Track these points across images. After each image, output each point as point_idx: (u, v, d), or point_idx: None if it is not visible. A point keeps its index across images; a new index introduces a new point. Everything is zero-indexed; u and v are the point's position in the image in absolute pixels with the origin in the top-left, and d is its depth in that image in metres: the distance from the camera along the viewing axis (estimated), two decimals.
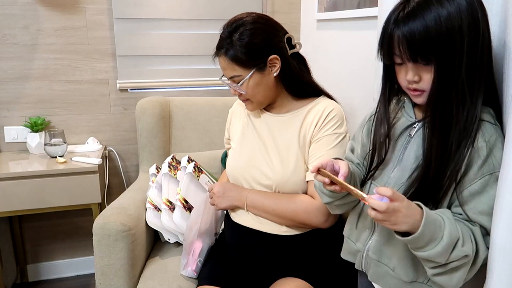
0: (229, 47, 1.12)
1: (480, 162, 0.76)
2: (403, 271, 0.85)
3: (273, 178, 1.18)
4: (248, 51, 1.11)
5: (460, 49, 0.73)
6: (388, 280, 0.88)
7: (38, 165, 1.75)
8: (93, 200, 1.74)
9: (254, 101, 1.19)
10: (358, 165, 1.00)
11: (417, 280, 0.85)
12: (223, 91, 2.13)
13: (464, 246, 0.74)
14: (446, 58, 0.74)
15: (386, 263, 0.88)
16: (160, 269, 1.40)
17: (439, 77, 0.76)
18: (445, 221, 0.74)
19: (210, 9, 2.01)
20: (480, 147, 0.76)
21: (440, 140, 0.78)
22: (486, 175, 0.75)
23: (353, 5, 1.58)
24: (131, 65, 1.98)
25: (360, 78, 1.57)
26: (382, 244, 0.89)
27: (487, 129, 0.77)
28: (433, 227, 0.72)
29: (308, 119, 1.19)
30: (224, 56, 1.13)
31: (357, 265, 0.96)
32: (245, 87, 1.15)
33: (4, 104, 1.90)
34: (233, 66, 1.13)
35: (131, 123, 2.04)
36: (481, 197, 0.76)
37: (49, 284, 2.09)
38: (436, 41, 0.73)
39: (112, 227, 1.30)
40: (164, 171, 1.57)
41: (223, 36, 1.15)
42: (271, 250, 1.19)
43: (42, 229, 2.07)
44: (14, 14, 1.82)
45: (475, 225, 0.77)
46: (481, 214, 0.76)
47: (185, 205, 1.46)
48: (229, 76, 1.16)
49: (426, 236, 0.72)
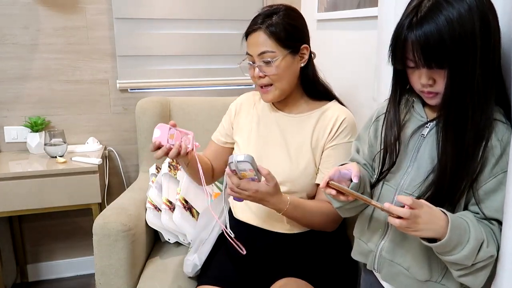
0: (270, 22, 1.13)
1: (494, 160, 0.76)
2: (417, 270, 0.85)
3: (281, 176, 1.17)
4: (288, 31, 1.14)
5: (474, 52, 0.73)
6: (402, 280, 0.88)
7: (38, 165, 1.75)
8: (93, 200, 1.74)
9: (277, 87, 1.17)
10: (365, 166, 0.99)
11: (431, 279, 0.85)
12: (223, 91, 2.13)
13: (489, 247, 0.75)
14: (460, 61, 0.74)
15: (400, 263, 0.88)
16: (160, 269, 1.40)
17: (452, 81, 0.75)
18: (469, 225, 0.75)
19: (210, 9, 2.01)
20: (494, 146, 0.76)
21: (454, 144, 0.78)
22: (500, 173, 0.76)
23: (353, 5, 1.58)
24: (131, 65, 1.98)
25: (360, 78, 1.57)
26: (396, 244, 0.89)
27: (500, 128, 0.78)
28: (459, 232, 0.73)
29: (322, 123, 1.20)
30: (264, 30, 1.13)
31: (369, 266, 0.96)
32: (275, 68, 1.13)
33: (4, 104, 1.90)
34: (270, 42, 1.13)
35: (131, 123, 2.04)
36: (496, 195, 0.77)
37: (49, 284, 2.09)
38: (449, 45, 0.73)
39: (112, 227, 1.30)
40: (164, 171, 1.57)
41: (263, 14, 1.15)
42: (272, 247, 1.19)
43: (42, 229, 2.07)
44: (14, 14, 1.82)
45: (493, 223, 0.78)
46: (497, 211, 0.77)
47: (185, 205, 1.46)
48: (262, 51, 1.13)
49: (453, 242, 0.73)
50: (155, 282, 1.33)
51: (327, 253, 1.20)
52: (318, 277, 1.17)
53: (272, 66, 1.13)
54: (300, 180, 1.18)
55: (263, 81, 1.17)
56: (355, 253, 1.00)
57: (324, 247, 1.21)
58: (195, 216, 1.47)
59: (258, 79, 1.17)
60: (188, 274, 1.32)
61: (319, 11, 1.86)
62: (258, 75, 1.16)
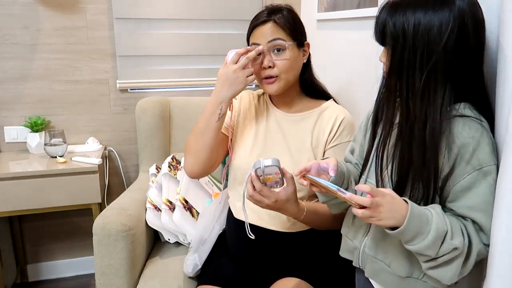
0: (279, 16, 1.16)
1: (467, 157, 0.76)
2: (398, 267, 0.86)
3: None
4: (295, 24, 1.18)
5: (406, 50, 0.78)
6: (384, 276, 0.90)
7: (38, 165, 1.75)
8: (93, 200, 1.74)
9: (283, 79, 1.17)
10: (356, 165, 1.01)
11: (412, 276, 0.86)
12: None
13: (453, 240, 0.75)
14: (396, 50, 0.80)
15: (382, 259, 0.89)
16: (160, 269, 1.40)
17: (390, 62, 0.82)
18: (433, 215, 0.76)
19: (210, 9, 2.01)
20: (466, 143, 0.77)
21: (406, 140, 0.81)
22: (474, 171, 0.76)
23: (353, 5, 1.58)
24: (131, 65, 1.98)
25: (360, 78, 1.57)
26: (377, 240, 0.90)
27: (472, 124, 0.78)
28: (419, 221, 0.74)
29: (321, 122, 1.21)
30: (274, 21, 1.16)
31: (355, 262, 0.97)
32: (286, 55, 1.15)
33: (4, 104, 1.90)
34: (281, 32, 1.16)
35: (131, 123, 2.04)
36: (470, 193, 0.77)
37: (49, 284, 2.09)
38: (390, 34, 0.80)
39: (112, 227, 1.30)
40: (164, 171, 1.57)
41: (268, 10, 1.18)
42: (272, 247, 1.19)
43: (42, 229, 2.07)
44: (14, 14, 1.82)
45: (467, 220, 0.78)
46: (470, 209, 0.77)
47: (185, 205, 1.46)
48: (274, 37, 1.15)
49: (412, 230, 0.74)
50: (155, 282, 1.33)
51: (326, 252, 1.20)
52: (317, 276, 1.17)
53: (283, 55, 1.15)
54: None
55: (270, 71, 1.16)
56: (343, 251, 1.01)
57: (323, 246, 1.22)
58: (195, 216, 1.47)
59: (264, 70, 1.16)
60: (188, 274, 1.32)
61: (319, 11, 1.86)
62: (268, 64, 1.15)
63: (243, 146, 1.26)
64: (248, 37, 1.22)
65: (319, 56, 1.28)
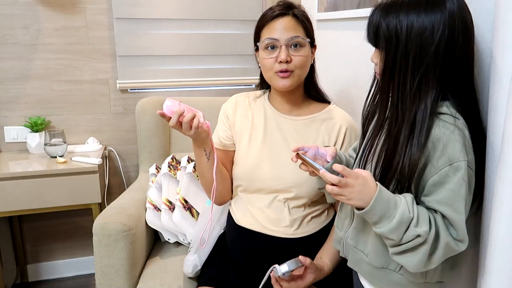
0: (297, 11, 1.16)
1: (438, 153, 0.78)
2: (374, 257, 0.90)
3: (288, 182, 1.17)
4: (310, 24, 1.19)
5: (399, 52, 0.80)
6: (363, 266, 0.93)
7: (38, 165, 1.75)
8: (93, 200, 1.74)
9: (297, 74, 1.16)
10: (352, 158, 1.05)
11: (388, 267, 0.88)
12: (223, 91, 2.13)
13: (418, 227, 0.77)
14: (390, 52, 0.81)
15: (361, 249, 0.93)
16: (160, 269, 1.40)
17: (384, 65, 0.83)
18: (401, 202, 0.79)
19: (210, 9, 2.01)
20: (437, 139, 0.79)
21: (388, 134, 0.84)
22: (446, 166, 0.78)
23: (353, 5, 1.58)
24: (131, 65, 1.98)
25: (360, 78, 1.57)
26: (358, 231, 0.94)
27: (445, 121, 0.80)
28: (386, 205, 0.78)
29: (326, 129, 1.21)
30: (292, 16, 1.15)
31: (341, 253, 1.01)
32: (304, 52, 1.15)
33: (4, 104, 1.90)
34: (300, 28, 1.15)
35: (131, 123, 2.04)
36: (441, 188, 0.79)
37: (49, 284, 2.09)
38: (383, 36, 0.81)
39: (112, 227, 1.30)
40: (164, 171, 1.57)
41: (284, 4, 1.17)
42: (274, 252, 1.18)
43: (42, 229, 2.07)
44: (14, 14, 1.82)
45: (437, 213, 0.80)
46: (440, 203, 0.79)
47: (185, 205, 1.46)
48: (294, 35, 1.13)
49: (377, 212, 0.78)
50: (155, 282, 1.33)
51: None
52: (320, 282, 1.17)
53: (301, 51, 1.15)
54: (306, 186, 1.17)
55: (287, 66, 1.14)
56: (335, 242, 1.05)
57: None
58: (195, 216, 1.47)
59: (279, 64, 1.14)
60: (188, 275, 1.32)
61: (319, 11, 1.86)
62: (286, 59, 1.13)
63: (241, 153, 1.25)
64: (259, 31, 1.18)
65: (319, 56, 1.27)
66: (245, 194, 1.25)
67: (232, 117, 1.28)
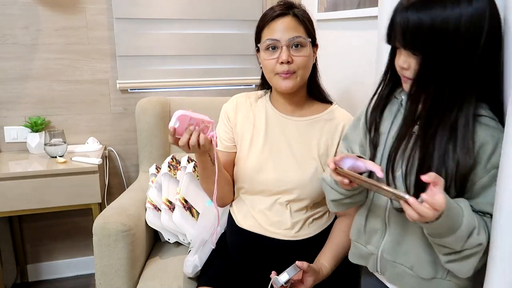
0: (298, 11, 1.15)
1: (486, 157, 0.77)
2: (421, 269, 0.85)
3: (290, 184, 1.17)
4: (311, 22, 1.18)
5: (450, 49, 0.73)
6: (407, 280, 0.88)
7: (38, 165, 1.75)
8: (93, 200, 1.74)
9: (299, 75, 1.15)
10: None
11: (436, 276, 0.85)
12: (223, 91, 2.12)
13: (479, 235, 0.75)
14: (433, 53, 0.74)
15: (402, 262, 0.88)
16: (160, 269, 1.40)
17: (422, 70, 0.77)
18: (464, 210, 0.75)
19: (210, 9, 2.01)
20: (485, 142, 0.77)
21: (431, 139, 0.79)
22: (494, 168, 0.76)
23: (353, 5, 1.58)
24: (131, 65, 1.98)
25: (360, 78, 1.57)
26: (396, 244, 0.89)
27: (490, 124, 0.78)
28: (454, 214, 0.73)
29: (329, 130, 1.20)
30: (293, 16, 1.13)
31: (371, 268, 0.95)
32: (305, 52, 1.13)
33: (4, 104, 1.90)
34: (301, 28, 1.14)
35: (131, 123, 2.04)
36: (489, 190, 0.77)
37: (49, 284, 2.09)
38: (425, 35, 0.74)
39: (112, 227, 1.30)
40: (164, 171, 1.57)
41: (284, 4, 1.16)
42: (276, 254, 1.18)
43: (42, 229, 2.07)
44: (14, 14, 1.82)
45: (487, 216, 0.78)
46: (490, 205, 0.77)
47: (185, 205, 1.46)
48: (295, 35, 1.12)
49: (446, 224, 0.73)
50: (155, 282, 1.33)
51: None
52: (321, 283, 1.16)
53: (302, 51, 1.13)
54: (309, 187, 1.17)
55: (288, 67, 1.13)
56: (354, 256, 1.00)
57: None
58: (195, 216, 1.47)
59: (280, 65, 1.13)
60: (188, 275, 1.32)
61: (319, 11, 1.86)
62: (287, 59, 1.11)
63: (242, 154, 1.25)
64: (260, 32, 1.17)
65: (319, 56, 1.27)
66: (247, 196, 1.25)
67: (233, 119, 1.27)
